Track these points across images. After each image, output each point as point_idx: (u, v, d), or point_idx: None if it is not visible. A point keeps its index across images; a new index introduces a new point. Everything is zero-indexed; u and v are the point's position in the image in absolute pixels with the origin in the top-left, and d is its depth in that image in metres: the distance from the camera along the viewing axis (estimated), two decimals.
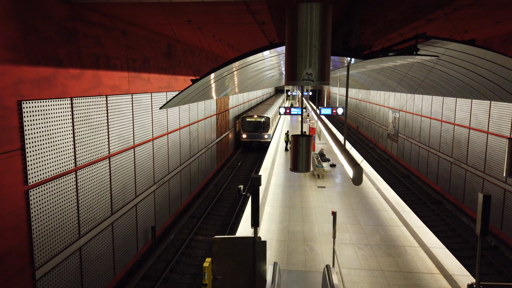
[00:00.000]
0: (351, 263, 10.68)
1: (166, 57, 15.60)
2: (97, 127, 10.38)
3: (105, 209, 10.90)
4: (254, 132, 33.88)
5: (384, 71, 15.64)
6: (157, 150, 14.91)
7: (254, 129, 33.94)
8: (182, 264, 13.65)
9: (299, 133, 5.38)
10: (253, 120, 33.95)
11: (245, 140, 34.15)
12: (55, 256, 8.55)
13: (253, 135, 33.89)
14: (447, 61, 9.20)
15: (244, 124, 34.02)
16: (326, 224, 13.37)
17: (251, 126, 34.00)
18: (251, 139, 33.99)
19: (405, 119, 28.29)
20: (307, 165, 5.50)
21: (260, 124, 33.91)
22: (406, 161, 28.18)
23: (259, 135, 33.83)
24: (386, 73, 15.71)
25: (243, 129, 34.07)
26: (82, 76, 9.54)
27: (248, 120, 34.09)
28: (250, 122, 34.04)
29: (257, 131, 33.86)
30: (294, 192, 17.18)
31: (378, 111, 36.60)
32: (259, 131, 33.84)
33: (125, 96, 11.98)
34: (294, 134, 5.53)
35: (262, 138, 33.93)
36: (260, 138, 33.93)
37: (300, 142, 5.30)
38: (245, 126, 34.02)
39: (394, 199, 16.33)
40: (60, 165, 8.71)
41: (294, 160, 5.52)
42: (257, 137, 33.92)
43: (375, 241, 12.11)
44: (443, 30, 12.77)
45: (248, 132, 33.97)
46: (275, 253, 11.21)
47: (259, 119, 33.92)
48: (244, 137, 34.13)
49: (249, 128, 34.01)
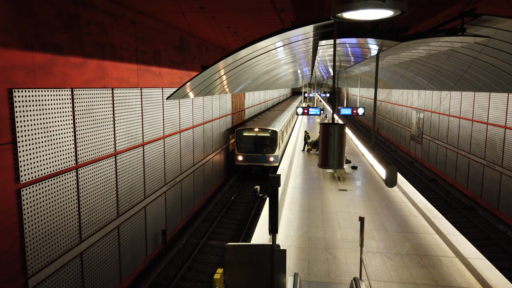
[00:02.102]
0: (380, 275, 9.56)
1: (178, 51, 14.79)
2: (102, 122, 9.58)
3: (110, 211, 10.09)
4: (254, 152, 23.64)
5: (413, 65, 14.44)
6: (168, 149, 14.08)
7: (255, 148, 23.76)
8: (193, 271, 12.74)
9: (329, 122, 4.44)
10: (253, 135, 23.74)
11: (241, 163, 23.82)
12: (52, 262, 7.74)
13: (253, 157, 23.60)
14: (494, 47, 8.02)
15: (240, 140, 23.81)
16: (350, 230, 12.25)
17: (249, 143, 23.77)
18: (249, 163, 23.63)
19: (430, 119, 26.80)
20: (340, 160, 4.49)
21: (264, 141, 23.89)
22: (431, 164, 26.68)
23: (261, 157, 23.54)
24: (416, 68, 14.49)
25: (238, 147, 23.77)
26: (85, 66, 8.76)
27: (245, 134, 23.74)
28: (249, 138, 23.75)
29: (258, 151, 23.64)
30: (313, 195, 16.09)
31: (400, 111, 35.09)
32: (261, 151, 23.64)
33: (133, 90, 11.18)
34: (323, 122, 4.54)
35: (266, 161, 23.52)
36: (263, 161, 23.53)
37: (331, 131, 4.30)
38: (242, 144, 23.82)
39: (422, 204, 15.06)
40: (59, 162, 7.91)
41: (323, 154, 4.50)
42: (258, 160, 23.57)
43: (405, 250, 10.95)
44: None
45: (245, 152, 23.70)
46: (295, 261, 10.18)
47: (262, 134, 23.80)
48: (239, 160, 23.70)
49: (247, 146, 23.77)
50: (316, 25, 6.49)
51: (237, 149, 23.81)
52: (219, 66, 7.21)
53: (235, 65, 8.20)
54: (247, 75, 11.33)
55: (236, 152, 23.82)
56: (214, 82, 8.69)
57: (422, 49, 9.30)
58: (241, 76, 10.91)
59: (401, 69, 16.89)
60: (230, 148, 25.58)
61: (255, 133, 23.86)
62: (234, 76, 9.87)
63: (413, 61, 13.79)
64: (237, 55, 7.06)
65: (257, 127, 23.99)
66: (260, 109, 40.25)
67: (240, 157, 23.70)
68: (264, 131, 23.89)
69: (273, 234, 7.00)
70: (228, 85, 11.17)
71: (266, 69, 12.07)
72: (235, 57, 7.11)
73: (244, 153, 23.58)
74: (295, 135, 34.83)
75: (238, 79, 11.15)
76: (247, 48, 6.80)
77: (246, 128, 23.95)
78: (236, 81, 11.38)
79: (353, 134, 12.88)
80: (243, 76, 11.13)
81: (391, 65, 16.83)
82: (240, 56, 7.40)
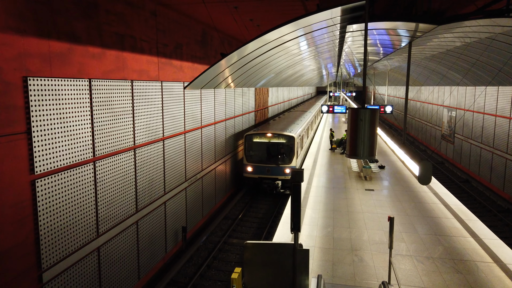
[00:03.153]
0: (411, 280, 8.91)
1: (200, 45, 14.52)
2: (121, 114, 9.38)
3: (128, 206, 9.88)
4: (267, 162, 19.71)
5: (447, 58, 13.58)
6: (189, 144, 13.82)
7: (267, 157, 19.86)
8: (213, 270, 12.41)
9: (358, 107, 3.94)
10: (266, 142, 19.84)
11: (250, 175, 19.88)
12: (67, 256, 7.55)
13: (265, 168, 19.66)
14: None
15: (250, 147, 19.98)
16: (377, 232, 11.61)
17: (261, 151, 19.90)
18: (260, 175, 19.70)
19: (463, 117, 25.50)
20: (371, 149, 3.97)
21: (278, 148, 19.90)
22: (464, 164, 25.38)
23: (275, 168, 19.59)
24: (450, 62, 13.62)
25: (247, 156, 19.95)
26: (104, 56, 8.56)
27: (256, 141, 19.90)
28: (260, 144, 19.87)
29: (271, 161, 19.72)
30: (338, 194, 15.47)
31: (430, 110, 33.71)
32: (275, 161, 19.70)
33: (154, 83, 10.95)
34: (352, 107, 4.01)
35: (281, 173, 19.61)
36: (278, 173, 19.66)
37: (361, 116, 3.78)
38: (251, 151, 19.99)
39: (455, 205, 14.19)
40: (75, 154, 7.72)
41: (352, 142, 3.98)
42: (271, 172, 19.65)
43: (438, 254, 10.23)
44: None
45: (255, 162, 19.78)
46: (318, 262, 9.66)
47: (277, 140, 19.83)
48: (248, 171, 19.85)
49: (258, 154, 19.93)
50: (344, 7, 5.98)
51: (245, 158, 19.83)
52: (241, 53, 6.80)
53: (258, 53, 7.77)
54: (270, 67, 10.90)
55: (245, 162, 19.78)
56: (235, 73, 8.30)
57: (459, 36, 8.57)
58: (263, 69, 10.49)
59: (433, 63, 16.00)
60: None
61: (267, 138, 19.76)
62: (256, 68, 9.46)
63: (447, 53, 12.95)
64: (261, 40, 6.64)
65: (270, 131, 19.91)
66: (284, 107, 39.63)
67: (250, 167, 19.72)
68: (278, 136, 19.76)
69: (295, 232, 6.53)
70: (250, 77, 10.76)
71: (289, 62, 11.59)
72: (258, 42, 6.69)
73: (254, 163, 19.70)
74: (319, 134, 34.12)
75: (261, 72, 10.73)
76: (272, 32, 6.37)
77: (257, 132, 19.85)
78: (259, 74, 10.97)
79: (381, 131, 12.21)
80: (265, 68, 10.70)
81: (422, 59, 15.96)
82: (262, 43, 6.98)
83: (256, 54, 7.71)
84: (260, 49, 7.43)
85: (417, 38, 8.09)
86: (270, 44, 7.48)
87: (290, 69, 13.90)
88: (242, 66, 8.20)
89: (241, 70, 8.64)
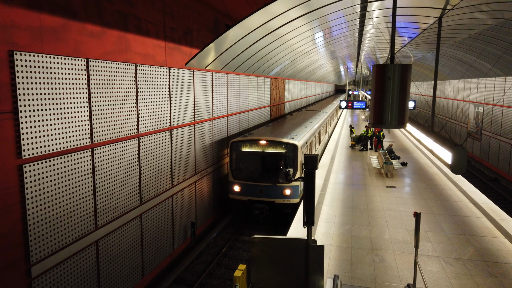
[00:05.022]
0: (439, 282, 8.00)
1: (212, 33, 13.85)
2: (123, 100, 8.78)
3: (131, 198, 9.28)
4: (259, 180, 14.04)
5: (477, 43, 12.47)
6: (199, 136, 13.17)
7: (260, 173, 14.27)
8: (223, 268, 11.71)
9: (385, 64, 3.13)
10: (258, 152, 14.20)
11: (237, 197, 14.36)
12: (61, 249, 6.98)
13: (257, 188, 13.99)
14: None
15: (237, 159, 14.57)
16: (400, 230, 10.69)
17: (252, 164, 14.43)
18: (250, 197, 14.12)
19: (492, 113, 24.05)
20: (402, 115, 3.13)
21: (275, 161, 14.27)
22: (492, 163, 23.94)
23: (271, 188, 13.86)
24: (479, 48, 12.51)
25: (233, 171, 14.46)
26: (104, 36, 7.97)
27: (245, 150, 14.37)
28: (251, 155, 14.35)
29: (265, 179, 14.02)
30: (357, 191, 14.54)
31: (455, 106, 32.17)
32: (270, 179, 13.97)
33: (160, 69, 10.34)
34: (378, 64, 3.25)
35: (278, 195, 13.87)
36: (274, 195, 13.89)
37: (389, 73, 2.95)
38: (239, 165, 14.59)
39: (485, 204, 13.09)
40: (70, 139, 7.14)
41: (376, 107, 3.15)
42: (266, 193, 13.94)
43: (468, 255, 9.25)
44: None
45: (244, 179, 14.26)
46: (335, 262, 8.84)
47: (273, 150, 14.17)
48: (235, 191, 14.35)
49: (248, 169, 14.45)
50: None
51: (231, 173, 14.33)
52: (245, 25, 6.07)
53: (267, 31, 7.01)
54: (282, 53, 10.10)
55: (230, 179, 14.33)
56: (244, 52, 7.57)
57: (493, 10, 7.59)
58: (274, 53, 9.70)
59: (460, 51, 14.87)
60: None
61: (261, 147, 14.07)
62: (267, 51, 8.69)
63: (477, 38, 11.87)
64: (268, 11, 5.88)
65: (265, 138, 14.21)
66: (301, 104, 38.63)
67: (236, 186, 14.17)
68: (276, 145, 14.05)
69: (308, 226, 5.73)
70: (261, 62, 9.99)
71: (303, 48, 10.78)
72: (265, 14, 5.93)
73: (243, 180, 14.11)
74: (337, 131, 33.07)
75: (272, 57, 9.94)
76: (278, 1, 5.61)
77: (246, 139, 14.26)
78: (270, 60, 10.19)
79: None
80: (276, 54, 9.91)
81: (449, 48, 14.85)
82: (269, 15, 6.22)
83: (264, 32, 6.95)
84: (268, 25, 6.67)
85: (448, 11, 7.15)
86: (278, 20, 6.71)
87: (306, 58, 13.08)
88: (251, 46, 7.45)
89: (250, 51, 7.90)
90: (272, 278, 6.09)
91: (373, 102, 3.21)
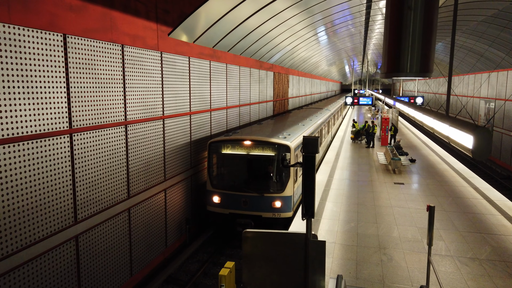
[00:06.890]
0: (454, 284, 7.20)
1: None
2: (107, 83, 8.06)
3: (118, 191, 8.56)
4: (244, 189, 11.54)
5: (491, 28, 11.62)
6: (195, 128, 12.43)
7: (245, 180, 11.78)
8: (219, 267, 10.95)
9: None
10: (243, 155, 11.74)
11: (216, 209, 11.92)
12: (31, 244, 6.26)
13: (240, 198, 11.52)
14: None
15: (218, 163, 12.24)
16: (410, 228, 9.88)
17: (235, 170, 12.09)
18: (232, 210, 11.66)
19: (504, 109, 23.09)
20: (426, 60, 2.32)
21: (264, 166, 11.81)
22: (504, 160, 22.99)
23: (256, 199, 11.38)
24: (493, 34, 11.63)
25: (212, 178, 12.05)
26: (85, 11, 7.26)
27: (227, 152, 11.98)
28: (233, 159, 11.98)
29: (251, 188, 11.50)
30: (363, 187, 13.74)
31: (465, 103, 31.17)
32: (257, 188, 11.44)
33: (151, 52, 9.62)
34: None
35: (267, 208, 11.32)
36: (262, 207, 11.37)
37: (410, 2, 2.17)
38: (219, 170, 12.29)
39: (501, 201, 12.24)
40: (44, 122, 6.43)
41: (390, 49, 2.35)
42: (251, 205, 11.44)
43: (485, 255, 8.43)
44: None
45: (225, 188, 11.81)
46: (339, 261, 8.06)
47: (261, 152, 11.63)
48: (214, 202, 11.90)
49: (230, 176, 12.13)
50: None
51: (209, 181, 12.00)
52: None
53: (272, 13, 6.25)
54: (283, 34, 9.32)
55: (209, 187, 12.00)
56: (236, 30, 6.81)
57: None
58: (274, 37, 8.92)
59: (471, 39, 13.99)
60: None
61: (245, 149, 11.67)
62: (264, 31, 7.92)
63: (493, 20, 11.02)
64: None
65: (251, 137, 11.78)
66: (306, 101, 37.77)
67: (216, 197, 11.83)
68: (264, 146, 11.60)
69: (307, 218, 4.94)
70: (259, 44, 9.22)
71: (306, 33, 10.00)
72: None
73: (223, 189, 11.77)
74: (343, 129, 32.24)
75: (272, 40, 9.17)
76: None
77: (228, 139, 11.89)
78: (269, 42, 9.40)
79: (416, 111, 10.45)
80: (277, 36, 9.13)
81: (461, 34, 13.99)
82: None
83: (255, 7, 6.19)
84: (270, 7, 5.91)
85: None
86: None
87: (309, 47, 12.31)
88: (243, 22, 6.69)
89: (244, 30, 7.14)
90: (267, 277, 5.31)
91: (387, 43, 2.40)
